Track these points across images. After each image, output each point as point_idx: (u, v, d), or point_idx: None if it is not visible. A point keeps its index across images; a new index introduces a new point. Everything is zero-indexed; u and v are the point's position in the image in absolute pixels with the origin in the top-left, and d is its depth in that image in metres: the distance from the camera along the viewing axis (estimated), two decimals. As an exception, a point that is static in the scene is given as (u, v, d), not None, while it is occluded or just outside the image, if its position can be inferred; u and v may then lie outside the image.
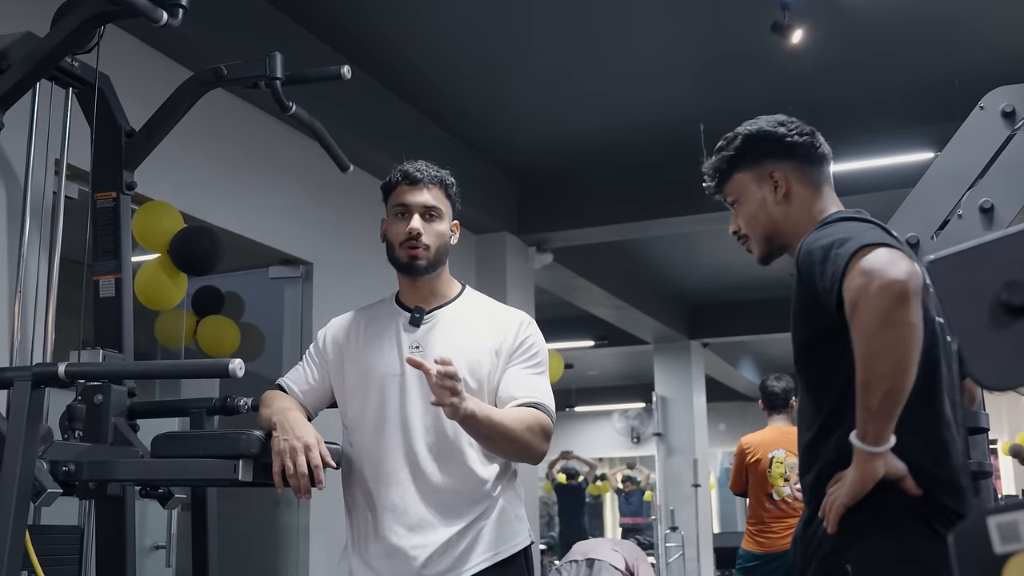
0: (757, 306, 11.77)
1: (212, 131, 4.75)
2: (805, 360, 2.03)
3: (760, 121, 2.20)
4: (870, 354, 1.72)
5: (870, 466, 1.79)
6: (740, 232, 2.24)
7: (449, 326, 2.49)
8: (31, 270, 3.37)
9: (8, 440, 2.23)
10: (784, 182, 2.14)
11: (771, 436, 6.02)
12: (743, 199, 2.20)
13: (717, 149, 2.24)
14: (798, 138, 2.15)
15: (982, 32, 5.66)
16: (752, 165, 2.17)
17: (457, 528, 2.35)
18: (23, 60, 2.78)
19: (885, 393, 1.72)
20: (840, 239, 1.85)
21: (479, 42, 5.77)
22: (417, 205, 2.49)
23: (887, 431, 1.77)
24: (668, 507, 11.57)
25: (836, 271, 1.80)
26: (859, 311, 1.72)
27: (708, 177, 2.25)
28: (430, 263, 2.49)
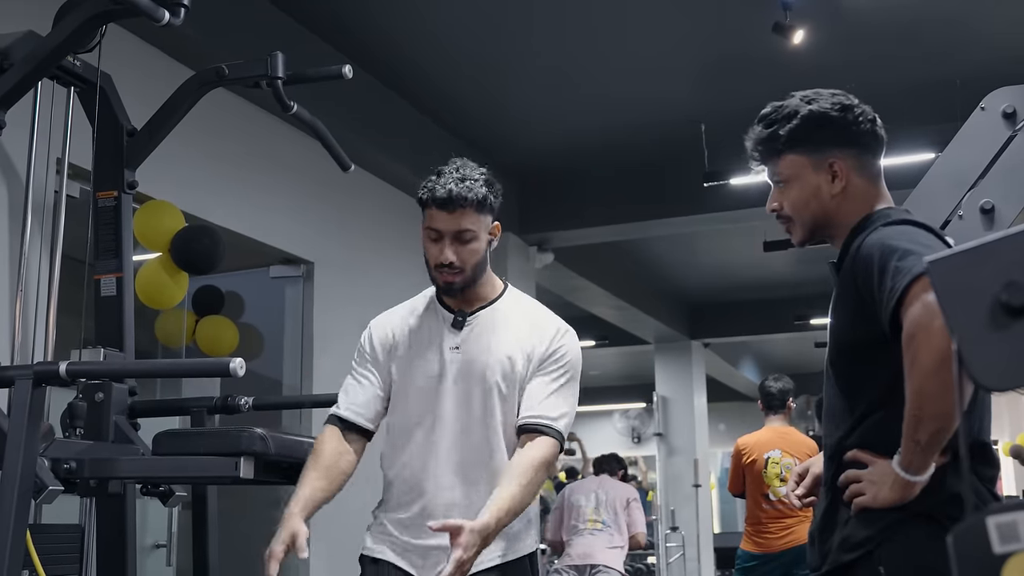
0: (758, 306, 11.78)
1: (213, 130, 4.75)
2: (845, 360, 1.96)
3: (823, 100, 2.03)
4: (925, 393, 1.68)
5: (908, 492, 1.78)
6: (782, 213, 2.11)
7: (488, 327, 2.47)
8: (32, 269, 3.38)
9: (9, 438, 2.24)
10: (844, 174, 2.01)
11: (767, 436, 6.02)
12: (794, 182, 2.05)
13: (768, 120, 2.07)
14: (864, 127, 2.02)
15: (983, 33, 5.67)
16: (812, 150, 2.02)
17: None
18: (25, 59, 2.79)
19: (935, 431, 1.71)
20: (903, 250, 1.78)
21: (480, 42, 5.77)
22: (449, 231, 2.41)
23: (930, 462, 1.75)
24: (668, 507, 11.57)
25: (895, 289, 1.74)
26: (919, 348, 1.68)
27: (757, 151, 2.10)
28: (465, 282, 2.45)
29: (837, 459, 1.94)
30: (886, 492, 1.81)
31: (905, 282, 1.73)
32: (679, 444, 11.89)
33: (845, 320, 1.96)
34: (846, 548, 1.90)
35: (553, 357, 2.45)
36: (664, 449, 12.03)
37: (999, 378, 0.95)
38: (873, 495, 1.84)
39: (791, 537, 5.84)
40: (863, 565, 1.87)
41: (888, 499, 1.80)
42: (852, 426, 1.92)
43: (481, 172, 2.48)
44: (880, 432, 1.85)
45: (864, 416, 1.90)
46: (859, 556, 1.87)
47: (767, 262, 9.64)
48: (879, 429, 1.86)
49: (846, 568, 1.91)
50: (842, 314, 1.97)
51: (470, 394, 2.41)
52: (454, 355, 2.44)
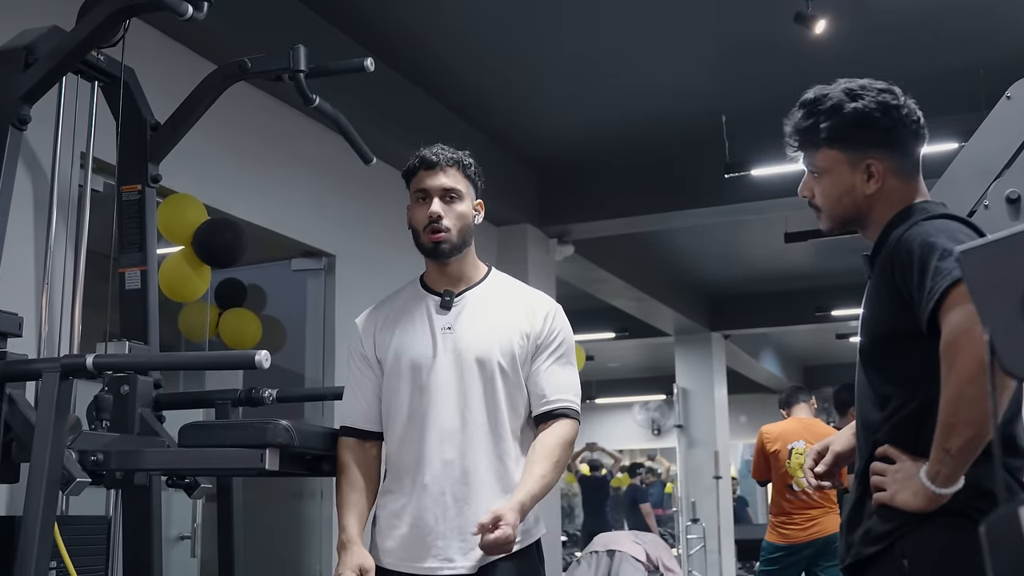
0: (779, 298, 11.74)
1: (235, 124, 4.76)
2: (878, 353, 1.95)
3: (868, 97, 1.99)
4: (963, 398, 1.66)
5: (932, 504, 1.77)
6: (813, 201, 2.10)
7: (479, 308, 2.52)
8: (58, 263, 3.40)
9: (37, 430, 2.26)
10: (880, 175, 1.99)
11: (792, 427, 6.01)
12: (829, 176, 2.04)
13: (810, 109, 2.04)
14: (906, 129, 2.00)
15: (1007, 21, 5.62)
16: (850, 148, 2.00)
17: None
18: (50, 54, 2.81)
19: (969, 439, 1.69)
20: (943, 249, 1.77)
21: (501, 35, 5.77)
22: (436, 188, 2.51)
23: (960, 474, 1.73)
24: (689, 499, 11.57)
25: (935, 290, 1.73)
26: (960, 353, 1.66)
27: (795, 139, 2.08)
28: (454, 245, 2.50)
29: (868, 451, 1.94)
30: (907, 496, 1.80)
31: (945, 284, 1.72)
32: (699, 436, 11.88)
33: (881, 313, 1.94)
34: (868, 541, 1.89)
35: (551, 337, 2.52)
36: (684, 441, 12.01)
37: (1031, 368, 0.95)
38: (892, 494, 1.83)
39: (816, 528, 5.83)
40: (886, 558, 1.86)
41: (909, 505, 1.79)
42: (885, 418, 1.90)
43: (464, 152, 2.60)
44: (911, 426, 1.84)
45: (897, 409, 1.88)
46: (881, 549, 1.86)
47: (788, 253, 9.62)
48: (910, 422, 1.85)
49: (869, 561, 1.90)
50: (877, 307, 1.96)
51: (469, 374, 2.44)
52: (446, 335, 2.48)
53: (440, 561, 2.38)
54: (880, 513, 1.87)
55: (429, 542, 2.39)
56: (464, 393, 2.43)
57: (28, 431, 2.36)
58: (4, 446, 2.48)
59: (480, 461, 2.40)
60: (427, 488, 2.41)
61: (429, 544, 2.39)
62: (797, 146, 2.08)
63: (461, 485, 2.39)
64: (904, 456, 1.84)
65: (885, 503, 1.84)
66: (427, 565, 2.39)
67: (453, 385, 2.43)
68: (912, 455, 1.82)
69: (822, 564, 5.93)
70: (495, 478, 2.41)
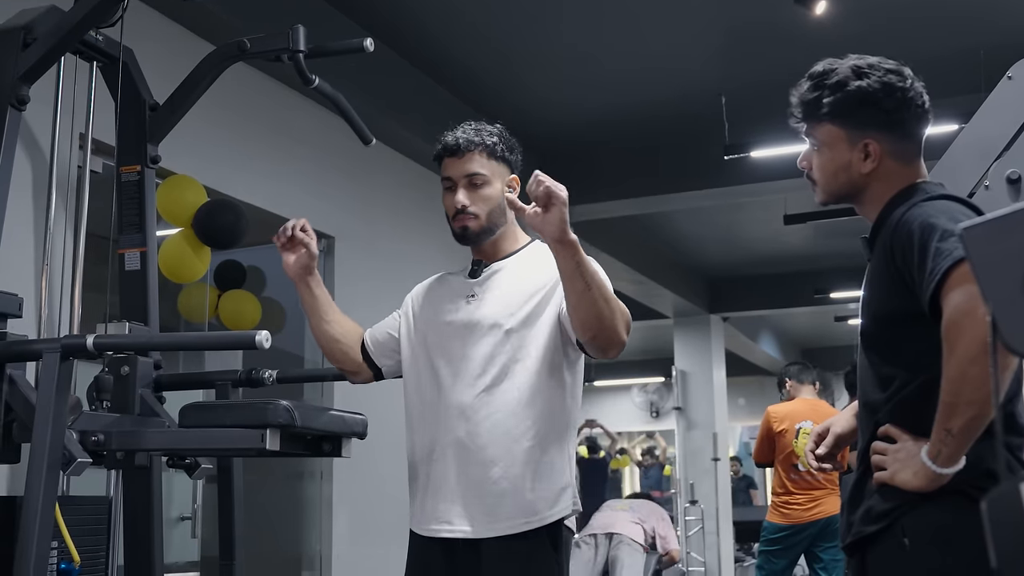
0: (777, 280, 11.75)
1: (234, 105, 4.75)
2: (880, 333, 1.95)
3: (874, 76, 1.98)
4: (965, 378, 1.66)
5: (932, 483, 1.77)
6: (810, 174, 2.10)
7: (506, 276, 2.52)
8: (57, 244, 3.40)
9: (38, 410, 2.26)
10: (877, 156, 1.99)
11: (799, 407, 6.03)
12: (827, 150, 2.04)
13: (817, 82, 2.04)
14: (909, 112, 1.99)
15: (1008, 2, 5.60)
16: (850, 125, 2.00)
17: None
18: (48, 34, 2.80)
19: (970, 419, 1.69)
20: (943, 230, 1.76)
21: (502, 18, 5.75)
22: (459, 176, 2.50)
23: (961, 454, 1.73)
24: (688, 481, 11.60)
25: (935, 272, 1.73)
26: (962, 334, 1.66)
27: (799, 110, 2.08)
28: (483, 230, 2.50)
29: (870, 432, 1.94)
30: (908, 476, 1.80)
31: (946, 265, 1.72)
32: (698, 418, 11.89)
33: (881, 294, 1.94)
34: (869, 520, 1.90)
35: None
36: (683, 423, 12.03)
37: (1033, 345, 0.95)
38: (893, 473, 1.84)
39: (818, 509, 5.85)
40: (886, 536, 1.87)
41: (910, 484, 1.80)
42: (887, 399, 1.91)
43: (496, 126, 2.55)
44: (913, 407, 1.84)
45: (899, 390, 1.89)
46: (882, 527, 1.87)
47: (787, 235, 9.61)
48: (912, 403, 1.85)
49: (870, 539, 1.91)
50: (877, 288, 1.96)
51: (483, 339, 2.43)
52: (471, 302, 2.50)
53: (440, 523, 2.40)
54: (881, 492, 1.87)
55: (435, 504, 2.41)
56: (476, 358, 2.43)
57: (29, 411, 2.37)
58: (5, 426, 2.48)
59: (484, 425, 2.39)
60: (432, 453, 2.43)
61: (434, 507, 2.41)
62: (800, 117, 2.08)
63: (467, 450, 2.39)
64: (905, 436, 1.85)
65: (886, 482, 1.85)
66: (431, 527, 2.41)
67: (467, 351, 2.44)
68: (913, 435, 1.83)
69: (823, 545, 5.95)
70: (504, 438, 2.39)
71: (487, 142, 2.50)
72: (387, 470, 2.57)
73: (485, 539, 2.36)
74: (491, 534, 2.35)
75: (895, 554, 1.84)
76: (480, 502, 2.37)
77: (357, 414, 2.66)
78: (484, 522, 2.36)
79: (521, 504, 2.36)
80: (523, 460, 2.38)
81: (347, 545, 5.39)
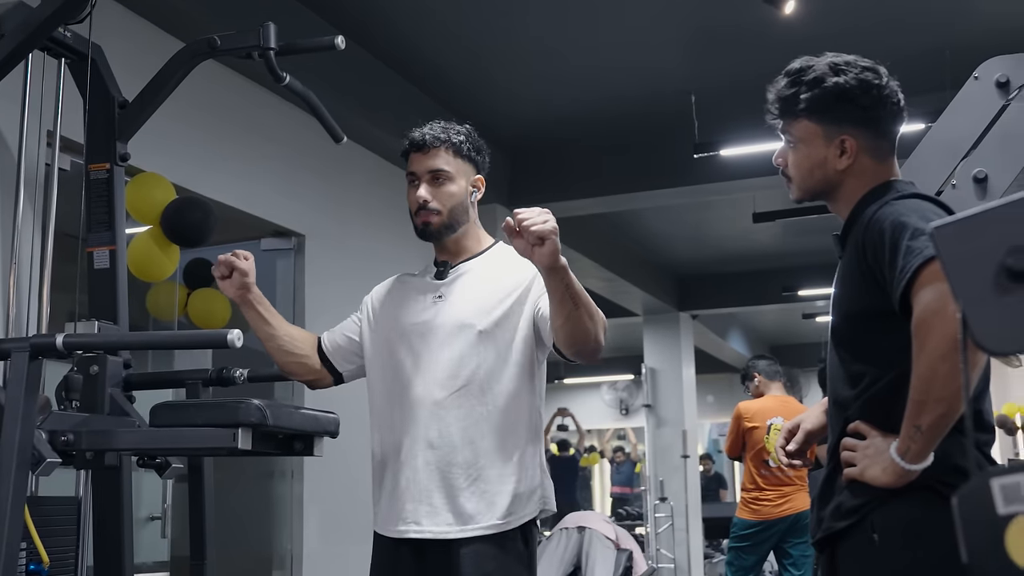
0: (746, 278, 11.81)
1: (205, 103, 4.73)
2: (851, 330, 1.97)
3: (850, 74, 2.00)
4: (935, 375, 1.68)
5: (901, 479, 1.79)
6: (785, 171, 2.12)
7: (473, 277, 2.52)
8: (25, 243, 3.36)
9: (7, 410, 2.24)
10: (853, 152, 2.01)
11: (770, 404, 6.07)
12: (803, 147, 2.06)
13: (794, 79, 2.05)
14: (884, 109, 2.02)
15: (973, 3, 5.67)
16: (827, 121, 2.02)
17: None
18: (16, 30, 2.78)
19: (939, 416, 1.70)
20: (914, 228, 1.78)
21: (469, 15, 5.74)
22: (423, 172, 2.51)
23: (929, 450, 1.75)
24: (657, 478, 11.64)
25: (906, 270, 1.75)
26: (932, 332, 1.68)
27: (775, 106, 2.09)
28: (444, 226, 2.52)
29: (840, 428, 1.96)
30: (877, 472, 1.82)
31: (916, 263, 1.73)
32: (668, 415, 11.94)
33: (852, 292, 1.96)
34: (839, 515, 1.92)
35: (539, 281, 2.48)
36: (653, 420, 12.07)
37: (1003, 342, 0.96)
38: (862, 469, 1.85)
39: (788, 505, 5.89)
40: (856, 532, 1.88)
41: (879, 480, 1.82)
42: (857, 395, 1.93)
43: (465, 126, 2.56)
44: (883, 403, 1.86)
45: (868, 386, 1.91)
46: (851, 523, 1.89)
47: (756, 233, 9.67)
48: (882, 400, 1.87)
49: (840, 535, 1.92)
50: (849, 286, 1.98)
51: (453, 339, 2.43)
52: (437, 302, 2.49)
53: (408, 524, 2.40)
54: (851, 488, 1.89)
55: (403, 504, 2.41)
56: (446, 359, 2.43)
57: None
58: (-27, 427, 2.46)
59: (455, 426, 2.40)
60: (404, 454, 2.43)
61: (401, 508, 2.42)
62: (777, 114, 2.10)
63: (438, 451, 2.40)
64: (875, 432, 1.86)
65: (855, 478, 1.87)
66: (398, 528, 2.41)
67: (436, 351, 2.44)
68: (883, 431, 1.85)
69: (792, 541, 5.99)
70: (476, 439, 2.39)
71: (453, 140, 2.52)
72: (358, 469, 2.56)
73: (457, 539, 2.36)
74: (464, 535, 2.36)
75: (865, 549, 1.86)
76: (451, 503, 2.37)
77: (329, 413, 2.66)
78: (456, 523, 2.36)
79: (493, 505, 2.36)
80: (495, 461, 2.38)
81: (318, 544, 5.37)
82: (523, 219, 2.12)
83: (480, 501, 2.36)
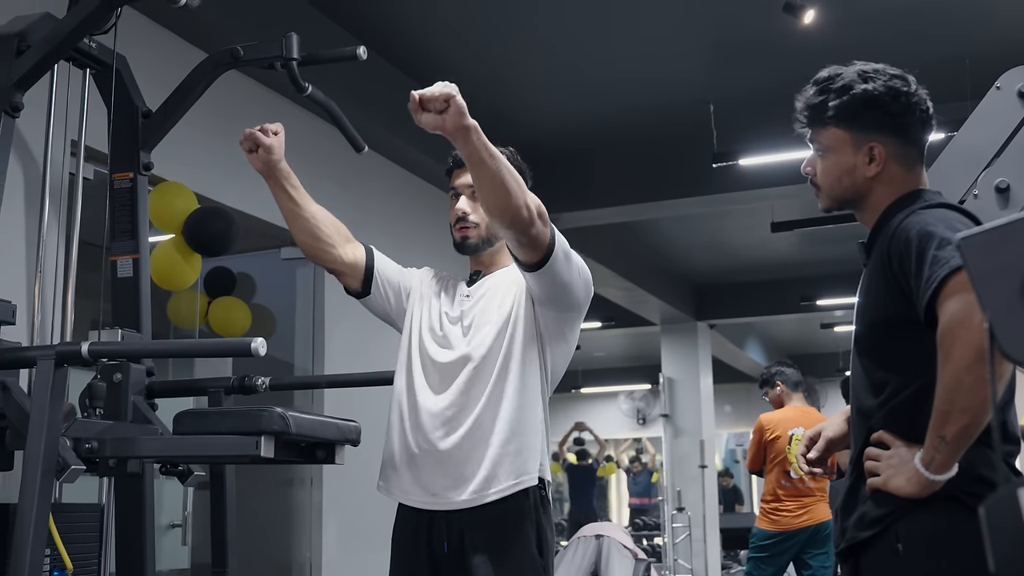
0: (764, 287, 11.80)
1: (227, 113, 4.75)
2: (875, 339, 1.96)
3: (879, 81, 2.01)
4: (960, 385, 1.67)
5: (925, 490, 1.78)
6: (814, 180, 2.11)
7: (499, 285, 2.57)
8: (50, 251, 3.39)
9: (32, 418, 2.26)
10: (882, 159, 2.00)
11: (791, 414, 6.04)
12: (831, 155, 2.05)
13: (822, 87, 2.06)
14: (913, 116, 2.01)
15: (992, 11, 5.66)
16: (856, 129, 2.01)
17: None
18: (42, 41, 2.80)
19: (964, 427, 1.70)
20: (941, 238, 1.78)
21: (491, 26, 5.77)
22: (464, 187, 2.59)
23: (954, 461, 1.75)
24: (675, 488, 11.62)
25: (932, 280, 1.74)
26: (958, 342, 1.67)
27: (804, 115, 2.09)
28: (482, 240, 2.59)
29: (863, 437, 1.95)
30: (901, 482, 1.81)
31: (943, 273, 1.73)
32: (685, 425, 11.92)
33: (877, 300, 1.95)
34: (862, 526, 1.91)
35: None
36: (670, 430, 12.06)
37: (1030, 352, 0.97)
38: (886, 479, 1.85)
39: (807, 516, 5.87)
40: (880, 542, 1.87)
41: (903, 490, 1.81)
42: (880, 404, 1.92)
43: (508, 149, 2.61)
44: (907, 413, 1.85)
45: (892, 395, 1.90)
46: (875, 533, 1.88)
47: (774, 243, 9.66)
48: (906, 409, 1.86)
49: (863, 545, 1.92)
50: (873, 294, 1.97)
51: (475, 335, 2.49)
52: (464, 300, 2.57)
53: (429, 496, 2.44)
54: (874, 498, 1.89)
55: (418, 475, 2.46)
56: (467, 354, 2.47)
57: (23, 419, 2.36)
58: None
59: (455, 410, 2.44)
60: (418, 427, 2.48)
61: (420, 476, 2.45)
62: (805, 122, 2.09)
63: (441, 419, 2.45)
64: (899, 442, 1.86)
65: (879, 488, 1.86)
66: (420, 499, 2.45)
67: (456, 347, 2.49)
68: (907, 441, 1.84)
69: (811, 552, 5.96)
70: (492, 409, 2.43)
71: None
72: (377, 477, 2.57)
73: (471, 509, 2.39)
74: (482, 501, 2.39)
75: (889, 560, 1.86)
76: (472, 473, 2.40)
77: (351, 421, 2.67)
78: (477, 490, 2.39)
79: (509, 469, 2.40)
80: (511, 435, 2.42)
81: (337, 552, 5.39)
82: (423, 93, 2.20)
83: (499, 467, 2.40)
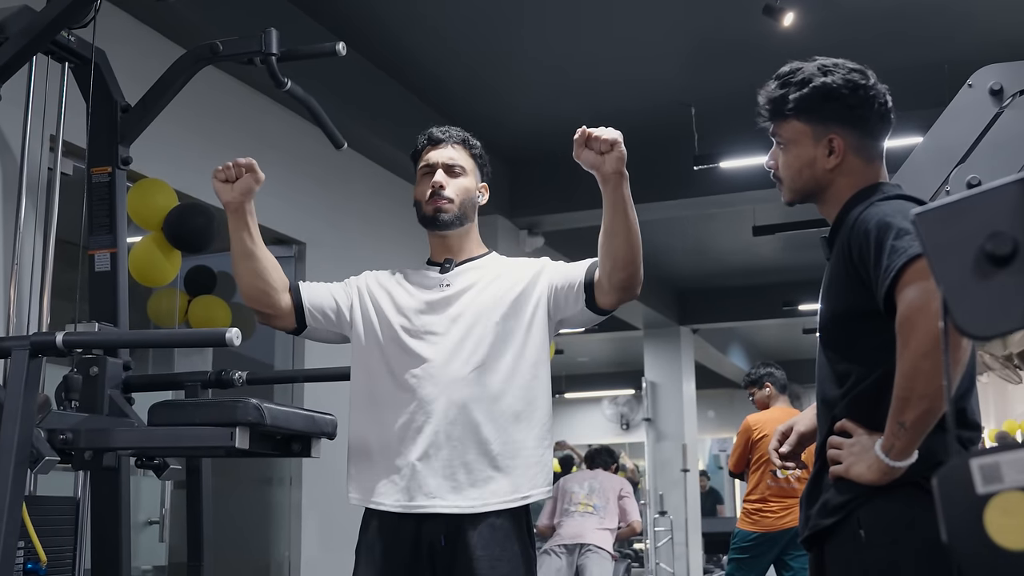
0: (747, 292, 11.83)
1: (206, 110, 4.76)
2: (837, 329, 1.98)
3: (838, 74, 2.04)
4: (918, 372, 1.69)
5: (886, 476, 1.80)
6: (776, 173, 2.14)
7: (480, 271, 2.54)
8: (27, 246, 3.39)
9: (6, 408, 2.25)
10: (840, 151, 2.03)
11: (777, 415, 6.05)
12: (792, 147, 2.08)
13: (783, 80, 2.09)
14: (871, 110, 2.04)
15: (971, 17, 5.71)
16: (815, 121, 2.04)
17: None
18: (20, 33, 2.80)
19: (923, 412, 1.72)
20: (899, 228, 1.80)
21: (472, 26, 5.79)
22: (440, 162, 2.54)
23: (914, 447, 1.77)
24: (657, 492, 11.64)
25: (891, 269, 1.76)
26: (916, 329, 1.69)
27: (765, 108, 2.12)
28: (456, 216, 2.53)
29: (827, 427, 1.97)
30: (862, 469, 1.83)
31: (901, 262, 1.75)
32: (668, 430, 11.95)
33: (839, 292, 1.98)
34: (825, 513, 1.93)
35: (549, 265, 2.54)
36: (653, 435, 12.08)
37: (983, 326, 0.98)
38: (847, 466, 1.87)
39: (790, 517, 5.86)
40: (842, 529, 1.89)
41: (864, 478, 1.83)
42: (843, 394, 1.94)
43: (478, 146, 2.64)
44: (869, 402, 1.87)
45: (854, 385, 1.92)
46: (838, 520, 1.90)
47: (756, 247, 9.69)
48: (868, 398, 1.88)
49: (826, 532, 1.94)
50: (835, 286, 1.99)
51: (464, 324, 2.44)
52: (444, 289, 2.50)
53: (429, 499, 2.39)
54: (837, 486, 1.91)
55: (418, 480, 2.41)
56: (465, 347, 2.42)
57: (-4, 409, 2.36)
58: (-28, 424, 2.47)
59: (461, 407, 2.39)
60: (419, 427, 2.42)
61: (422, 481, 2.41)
62: (767, 116, 2.12)
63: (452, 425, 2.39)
64: (860, 430, 1.88)
65: (841, 476, 1.88)
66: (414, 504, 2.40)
67: (452, 340, 2.43)
68: (868, 429, 1.86)
69: (793, 553, 5.96)
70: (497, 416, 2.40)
71: (470, 142, 2.61)
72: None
73: (471, 515, 2.36)
74: (483, 509, 2.36)
75: (851, 546, 1.87)
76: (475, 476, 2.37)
77: (327, 414, 2.67)
78: (477, 497, 2.36)
79: (511, 481, 2.38)
80: (514, 438, 2.40)
81: (316, 551, 5.38)
82: (592, 131, 2.35)
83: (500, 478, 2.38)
